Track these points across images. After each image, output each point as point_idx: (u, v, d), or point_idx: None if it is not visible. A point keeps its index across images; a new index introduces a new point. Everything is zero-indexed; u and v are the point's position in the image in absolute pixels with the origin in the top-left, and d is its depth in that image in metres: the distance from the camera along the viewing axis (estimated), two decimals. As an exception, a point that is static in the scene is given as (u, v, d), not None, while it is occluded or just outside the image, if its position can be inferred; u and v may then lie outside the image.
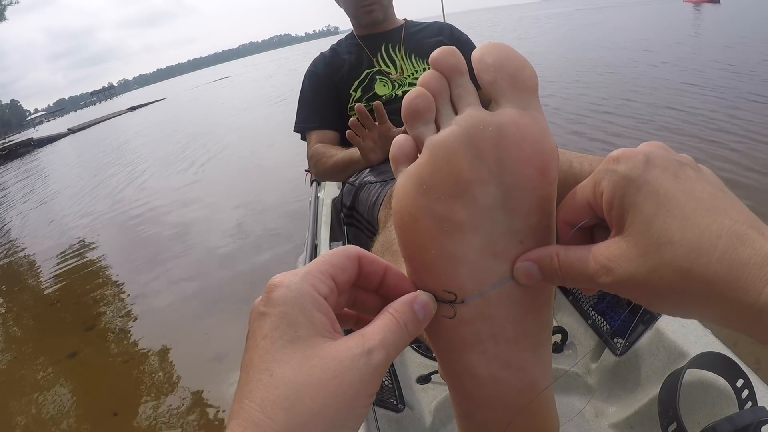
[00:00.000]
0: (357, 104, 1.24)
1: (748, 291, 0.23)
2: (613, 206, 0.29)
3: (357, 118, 1.24)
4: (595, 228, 0.33)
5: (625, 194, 0.28)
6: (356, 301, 0.34)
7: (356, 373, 0.26)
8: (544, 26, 20.89)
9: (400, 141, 0.33)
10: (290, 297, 0.28)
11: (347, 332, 0.30)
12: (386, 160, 1.40)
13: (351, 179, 1.40)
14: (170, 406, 2.06)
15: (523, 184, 0.31)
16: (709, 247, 0.25)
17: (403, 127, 1.23)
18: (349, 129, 1.27)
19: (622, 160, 0.29)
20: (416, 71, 1.58)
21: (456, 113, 0.32)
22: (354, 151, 1.36)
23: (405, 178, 0.32)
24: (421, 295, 0.32)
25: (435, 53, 0.32)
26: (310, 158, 1.61)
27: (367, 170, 1.37)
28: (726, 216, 0.25)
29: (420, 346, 1.23)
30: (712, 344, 0.88)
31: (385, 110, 1.25)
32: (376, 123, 1.25)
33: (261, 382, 0.26)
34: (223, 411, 1.95)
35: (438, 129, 0.32)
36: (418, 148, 0.33)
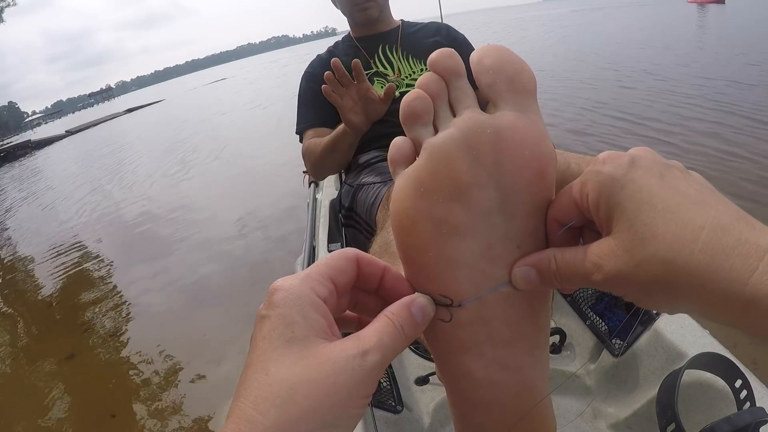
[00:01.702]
0: (333, 59, 1.18)
1: (733, 281, 0.23)
2: (600, 206, 0.29)
3: (333, 74, 1.19)
4: (585, 229, 0.33)
5: (610, 194, 0.28)
6: (357, 303, 0.35)
7: (350, 374, 0.27)
8: (530, 28, 20.84)
9: (398, 143, 0.33)
10: (289, 299, 0.28)
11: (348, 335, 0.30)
12: (384, 159, 1.40)
13: (349, 180, 1.40)
14: (169, 407, 2.06)
15: (521, 187, 0.31)
16: (692, 238, 0.24)
17: (384, 90, 1.20)
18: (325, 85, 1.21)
19: (607, 162, 0.29)
20: (414, 72, 1.57)
21: (454, 115, 0.32)
22: (339, 127, 1.31)
23: (403, 180, 0.32)
24: (419, 298, 0.32)
25: (433, 55, 0.32)
26: (303, 155, 1.59)
27: (365, 171, 1.37)
28: (712, 208, 0.25)
29: (418, 347, 1.23)
30: (711, 345, 0.88)
31: (364, 70, 1.20)
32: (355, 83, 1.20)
33: (256, 380, 0.26)
34: (222, 412, 1.95)
35: (436, 131, 0.32)
36: (416, 150, 0.33)
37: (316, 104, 1.62)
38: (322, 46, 1.81)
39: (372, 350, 0.28)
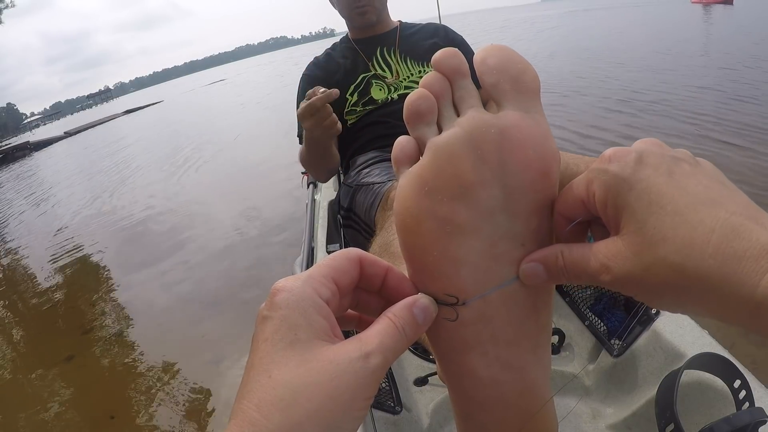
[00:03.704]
0: (309, 95, 1.20)
1: (744, 285, 0.23)
2: (607, 206, 0.29)
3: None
4: (592, 223, 0.33)
5: (617, 194, 0.28)
6: (359, 302, 0.35)
7: (353, 376, 0.27)
8: (512, 29, 20.69)
9: (402, 142, 0.33)
10: (292, 301, 0.28)
11: (349, 334, 0.30)
12: (382, 159, 1.40)
13: (348, 181, 1.40)
14: (168, 408, 2.05)
15: (525, 186, 0.31)
16: (702, 242, 0.24)
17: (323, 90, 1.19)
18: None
19: (613, 160, 0.29)
20: (412, 74, 1.58)
21: (458, 115, 0.32)
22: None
23: (407, 180, 0.32)
24: (421, 299, 0.32)
25: (437, 55, 0.32)
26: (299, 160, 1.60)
27: (365, 171, 1.37)
28: (722, 208, 0.25)
29: (417, 348, 1.23)
30: (710, 345, 0.88)
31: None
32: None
33: (259, 383, 0.26)
34: (221, 413, 1.95)
35: (440, 131, 0.32)
36: (419, 149, 0.33)
37: None
38: (320, 47, 1.81)
39: (374, 352, 0.28)
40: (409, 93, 0.33)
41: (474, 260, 0.32)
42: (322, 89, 1.19)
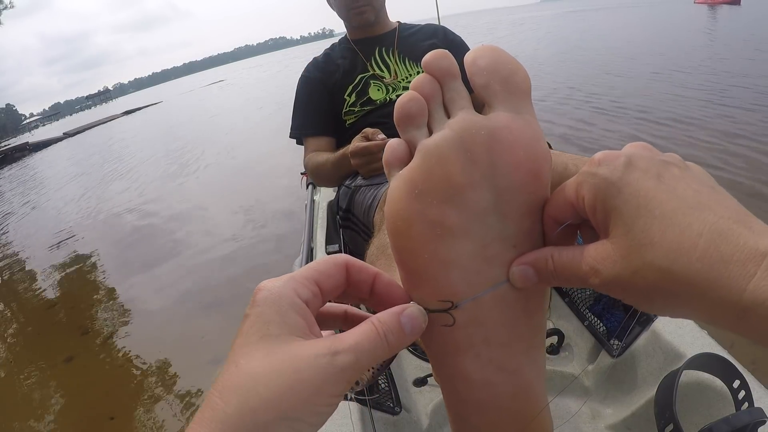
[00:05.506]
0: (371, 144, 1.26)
1: (731, 289, 0.23)
2: (596, 210, 0.28)
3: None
4: (582, 226, 0.32)
5: (606, 197, 0.28)
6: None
7: (316, 371, 0.27)
8: (499, 30, 20.62)
9: (393, 145, 0.33)
10: (270, 299, 0.29)
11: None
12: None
13: (347, 182, 1.40)
14: (167, 409, 2.06)
15: (516, 188, 0.31)
16: (689, 246, 0.24)
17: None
18: (351, 142, 1.29)
19: (603, 163, 0.29)
20: (410, 75, 1.57)
21: (449, 117, 0.32)
22: (342, 151, 1.37)
23: (398, 182, 0.32)
24: (411, 308, 0.31)
25: (427, 57, 0.32)
26: (306, 166, 1.61)
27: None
28: (710, 212, 0.25)
29: (416, 348, 1.23)
30: (709, 345, 0.88)
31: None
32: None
33: (227, 371, 0.27)
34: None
35: (431, 133, 0.32)
36: (410, 151, 0.33)
37: (312, 110, 1.62)
38: (319, 48, 1.81)
39: (345, 351, 0.28)
40: None
41: (465, 263, 0.32)
42: (382, 135, 1.26)
